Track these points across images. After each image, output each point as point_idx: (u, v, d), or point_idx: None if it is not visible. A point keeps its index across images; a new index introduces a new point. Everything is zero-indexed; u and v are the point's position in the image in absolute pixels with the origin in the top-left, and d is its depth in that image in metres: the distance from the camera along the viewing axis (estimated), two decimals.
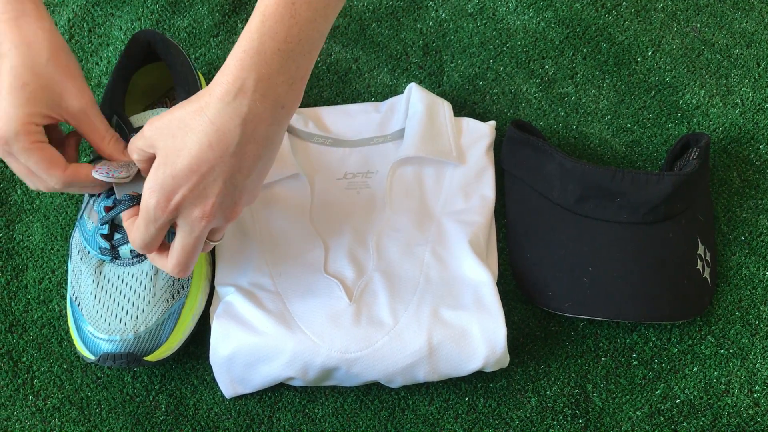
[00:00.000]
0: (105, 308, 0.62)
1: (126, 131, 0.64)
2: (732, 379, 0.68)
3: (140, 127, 0.64)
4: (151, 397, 0.67)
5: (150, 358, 0.63)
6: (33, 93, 0.55)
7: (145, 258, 0.64)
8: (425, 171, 0.74)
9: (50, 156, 0.57)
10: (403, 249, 0.69)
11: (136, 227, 0.56)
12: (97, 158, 0.63)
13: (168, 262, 0.58)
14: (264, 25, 0.51)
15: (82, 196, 0.64)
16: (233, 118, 0.51)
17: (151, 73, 0.75)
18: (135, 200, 0.60)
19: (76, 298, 0.64)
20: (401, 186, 0.73)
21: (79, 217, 0.67)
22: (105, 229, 0.64)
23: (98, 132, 0.59)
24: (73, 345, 0.69)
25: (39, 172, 0.57)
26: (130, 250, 0.63)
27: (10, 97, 0.54)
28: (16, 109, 0.54)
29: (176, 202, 0.53)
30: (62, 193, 0.75)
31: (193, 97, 0.53)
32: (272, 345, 0.62)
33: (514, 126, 0.74)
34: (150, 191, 0.53)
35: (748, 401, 0.67)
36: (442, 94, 0.81)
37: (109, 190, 0.64)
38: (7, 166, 0.77)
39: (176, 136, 0.52)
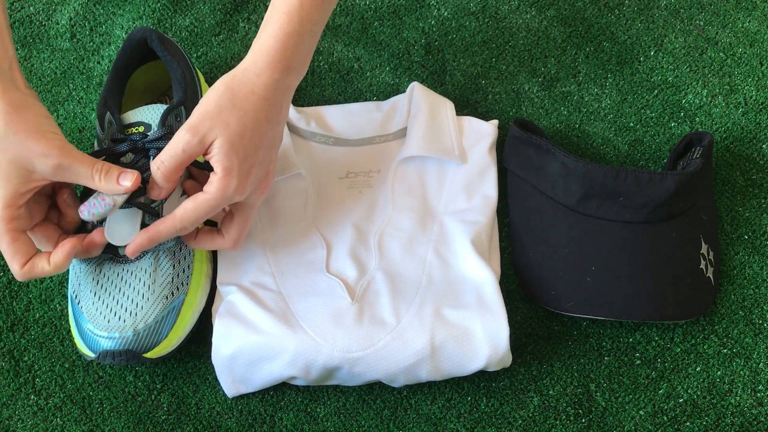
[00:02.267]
0: (104, 306, 0.62)
1: (116, 128, 0.63)
2: (735, 378, 0.68)
3: (133, 123, 0.64)
4: (153, 397, 0.67)
5: (150, 355, 0.63)
6: (4, 173, 0.54)
7: (144, 255, 0.64)
8: (427, 170, 0.73)
9: (15, 249, 0.57)
10: (405, 248, 0.69)
11: (197, 210, 0.57)
12: (85, 192, 0.63)
13: (228, 239, 0.62)
14: (303, 9, 0.57)
15: (84, 189, 0.64)
16: (280, 91, 0.58)
17: (150, 72, 0.75)
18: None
19: (76, 296, 0.64)
20: (403, 185, 0.72)
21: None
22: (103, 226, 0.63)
23: (84, 177, 0.57)
24: (74, 343, 0.69)
25: (6, 260, 0.58)
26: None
27: None
28: None
29: (250, 182, 0.58)
30: None
31: (231, 82, 0.57)
32: (274, 344, 0.62)
33: (516, 125, 0.74)
34: (229, 177, 0.56)
35: (752, 401, 0.67)
36: (445, 93, 0.80)
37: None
38: None
39: (232, 122, 0.56)
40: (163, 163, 0.57)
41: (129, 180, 0.58)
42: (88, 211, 0.58)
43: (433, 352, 0.62)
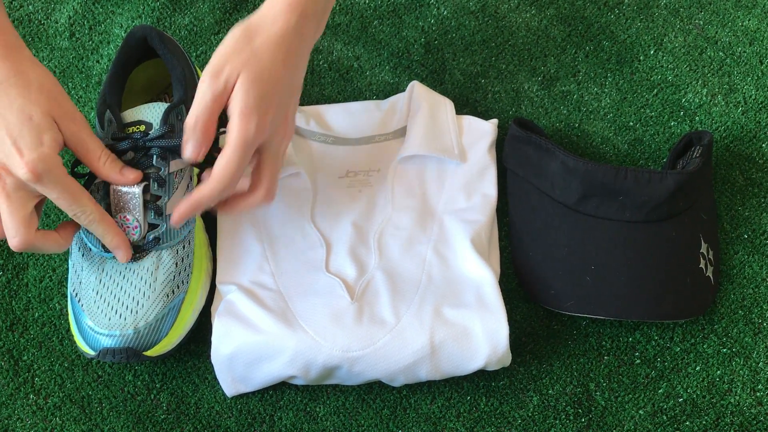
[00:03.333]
0: (105, 303, 0.62)
1: (115, 126, 0.63)
2: (735, 378, 0.68)
3: (134, 122, 0.64)
4: (152, 396, 0.67)
5: (150, 353, 0.63)
6: (40, 124, 0.55)
7: (147, 253, 0.64)
8: (427, 169, 0.73)
9: (78, 188, 0.57)
10: (404, 247, 0.69)
11: (229, 162, 0.57)
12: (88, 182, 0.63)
13: (258, 193, 0.61)
14: None
15: (86, 181, 0.65)
16: (297, 37, 0.59)
17: (149, 70, 0.74)
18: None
19: (76, 294, 0.64)
20: (403, 184, 0.72)
21: None
22: None
23: (93, 154, 0.59)
24: (74, 341, 0.69)
25: (70, 205, 0.57)
26: (132, 243, 0.63)
27: (25, 131, 0.54)
28: (41, 143, 0.54)
29: (269, 121, 0.58)
30: None
31: (247, 27, 0.58)
32: (274, 343, 0.62)
33: (516, 124, 0.74)
34: (248, 115, 0.56)
35: (751, 400, 0.67)
36: (444, 92, 0.80)
37: (105, 192, 0.63)
38: None
39: (250, 62, 0.57)
40: (198, 117, 0.57)
41: (132, 174, 0.60)
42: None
43: (432, 351, 0.62)
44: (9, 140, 0.54)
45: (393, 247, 0.69)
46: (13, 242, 0.57)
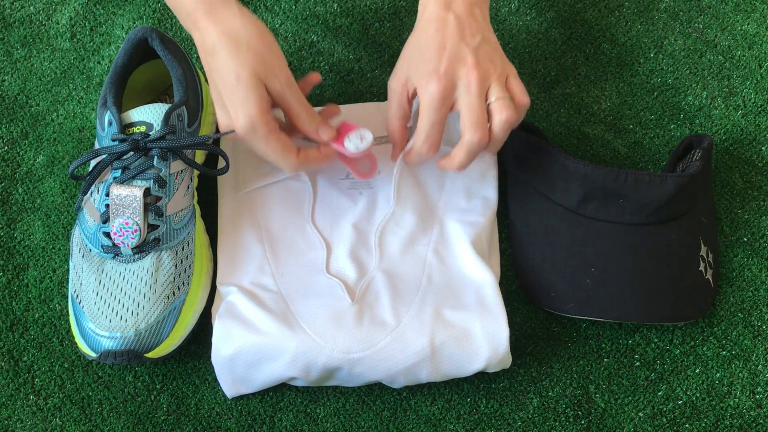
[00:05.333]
0: (106, 305, 0.62)
1: (116, 127, 0.63)
2: (734, 380, 0.68)
3: (135, 123, 0.64)
4: (152, 397, 0.67)
5: (151, 354, 0.63)
6: (249, 83, 0.59)
7: (147, 254, 0.64)
8: (428, 172, 0.73)
9: (284, 143, 0.61)
10: (405, 249, 0.69)
11: (429, 135, 0.62)
12: None
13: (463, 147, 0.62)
14: None
15: (78, 193, 0.64)
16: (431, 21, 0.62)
17: (149, 70, 0.75)
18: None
19: (77, 296, 0.64)
20: (404, 186, 0.72)
21: (76, 207, 0.67)
22: (107, 227, 0.63)
23: (293, 110, 0.62)
24: (75, 343, 0.69)
25: (276, 158, 0.62)
26: (132, 247, 0.63)
27: (238, 90, 0.58)
28: (247, 103, 0.59)
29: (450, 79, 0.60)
30: (63, 192, 0.75)
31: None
32: (274, 345, 0.62)
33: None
34: (428, 81, 0.60)
35: (750, 403, 0.67)
36: None
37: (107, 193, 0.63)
38: (8, 165, 0.77)
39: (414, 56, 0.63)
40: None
41: (327, 133, 0.64)
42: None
43: (433, 353, 0.62)
44: (223, 100, 0.60)
45: (394, 246, 0.69)
46: (290, 167, 0.63)
